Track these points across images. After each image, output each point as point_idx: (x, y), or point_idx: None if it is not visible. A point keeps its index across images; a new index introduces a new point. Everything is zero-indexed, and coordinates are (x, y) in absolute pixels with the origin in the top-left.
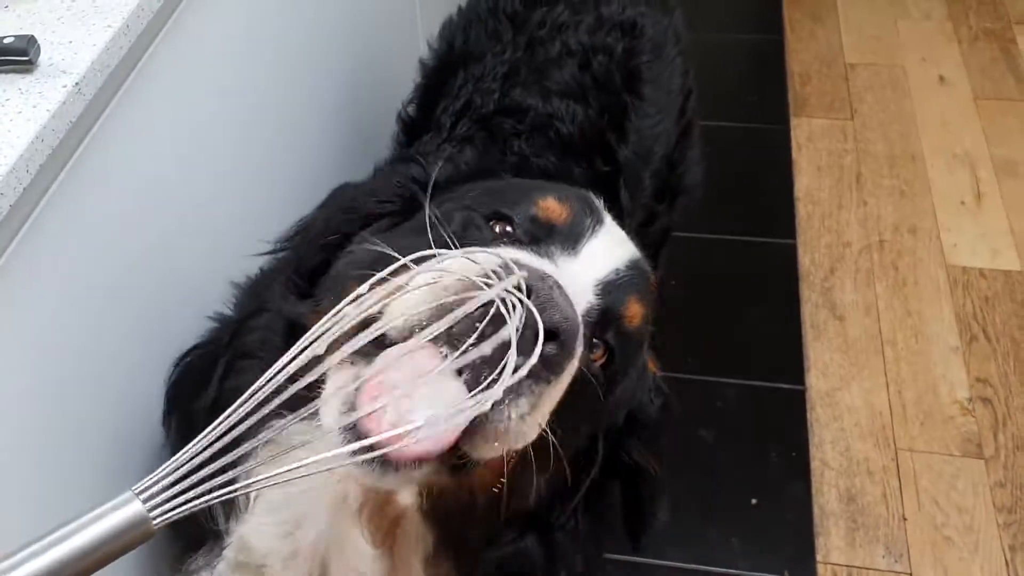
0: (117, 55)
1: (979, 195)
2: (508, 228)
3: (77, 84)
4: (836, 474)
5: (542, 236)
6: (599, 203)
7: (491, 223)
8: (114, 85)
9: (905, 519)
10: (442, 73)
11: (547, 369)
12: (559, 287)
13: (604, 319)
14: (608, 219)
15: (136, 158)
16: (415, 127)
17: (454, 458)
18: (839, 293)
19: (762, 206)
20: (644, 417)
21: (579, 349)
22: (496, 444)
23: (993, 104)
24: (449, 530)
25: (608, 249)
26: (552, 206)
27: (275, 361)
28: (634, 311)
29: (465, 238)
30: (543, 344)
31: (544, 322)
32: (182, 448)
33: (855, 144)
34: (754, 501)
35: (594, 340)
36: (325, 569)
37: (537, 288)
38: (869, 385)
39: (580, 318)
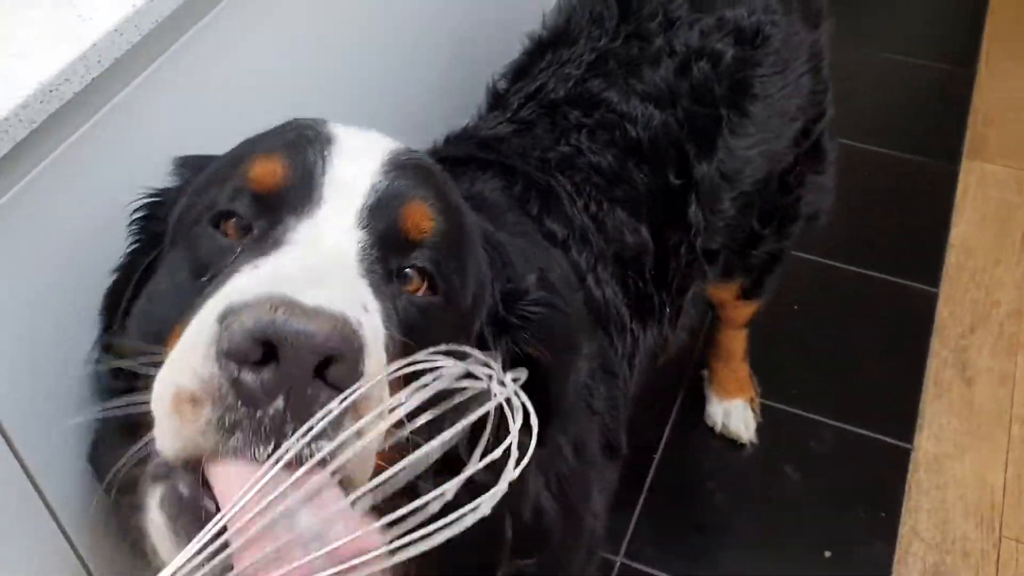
0: None
1: None
2: (242, 225)
3: None
4: (926, 547)
5: (273, 213)
6: (318, 122)
7: (220, 228)
8: None
9: None
10: (539, 51)
11: (341, 390)
12: (297, 310)
13: (391, 247)
14: (338, 132)
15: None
16: (500, 103)
17: None
18: (974, 354)
19: (909, 246)
20: (518, 309)
21: (365, 343)
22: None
23: None
24: None
25: (350, 169)
26: (261, 170)
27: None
28: (414, 216)
29: (212, 264)
30: (324, 376)
31: (307, 362)
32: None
33: None
34: (828, 554)
35: (401, 272)
36: None
37: (280, 335)
38: (986, 460)
39: (340, 313)
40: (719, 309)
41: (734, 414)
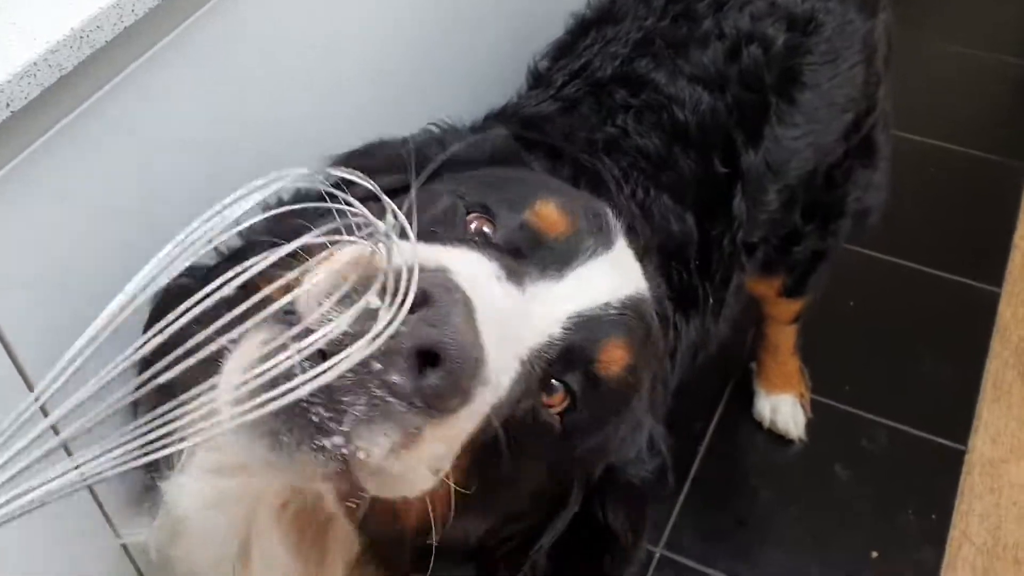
0: None
1: None
2: (487, 228)
3: None
4: (976, 551)
5: (525, 249)
6: (615, 223)
7: (470, 218)
8: None
9: None
10: (583, 29)
11: (426, 403)
12: (467, 307)
13: (568, 358)
14: (620, 245)
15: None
16: (542, 81)
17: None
18: None
19: (973, 244)
20: (628, 478)
21: (477, 390)
22: (375, 482)
23: None
24: (377, 543)
25: (603, 279)
26: (549, 215)
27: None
28: (613, 355)
29: (435, 229)
30: (424, 372)
31: (423, 338)
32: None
33: None
34: (875, 554)
35: (552, 381)
36: (246, 550)
37: (435, 297)
38: None
39: (487, 353)
40: (763, 305)
41: (782, 409)
